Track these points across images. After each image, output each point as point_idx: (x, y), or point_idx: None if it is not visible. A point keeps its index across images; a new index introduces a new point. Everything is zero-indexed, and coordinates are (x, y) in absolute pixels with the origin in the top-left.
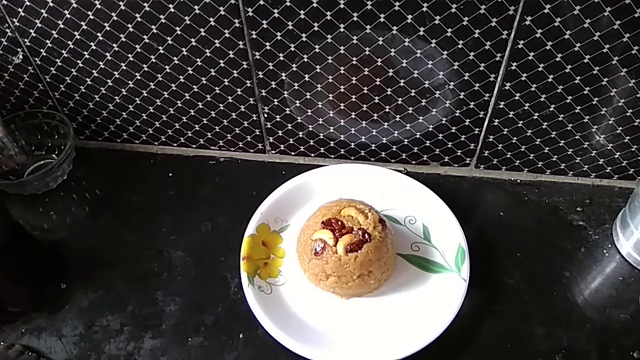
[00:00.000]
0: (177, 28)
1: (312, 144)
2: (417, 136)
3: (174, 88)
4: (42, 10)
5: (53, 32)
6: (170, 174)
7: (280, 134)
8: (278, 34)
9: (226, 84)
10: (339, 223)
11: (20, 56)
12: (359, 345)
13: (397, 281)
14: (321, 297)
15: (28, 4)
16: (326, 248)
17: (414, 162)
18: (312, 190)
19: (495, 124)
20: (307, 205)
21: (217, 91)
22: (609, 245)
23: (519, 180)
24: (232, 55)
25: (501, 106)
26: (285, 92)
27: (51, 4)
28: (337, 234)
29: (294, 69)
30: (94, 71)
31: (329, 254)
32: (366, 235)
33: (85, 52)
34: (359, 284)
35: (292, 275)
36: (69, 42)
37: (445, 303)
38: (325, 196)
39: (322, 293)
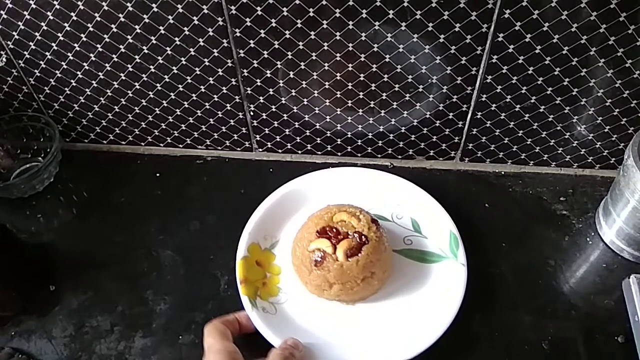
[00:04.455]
0: (161, 27)
1: (299, 141)
2: (402, 130)
3: (159, 88)
4: (25, 12)
5: (36, 34)
6: (158, 174)
7: (267, 132)
8: (262, 31)
9: (211, 82)
10: (334, 230)
11: (4, 59)
12: (375, 347)
13: (398, 278)
14: (327, 307)
15: (10, 6)
16: (326, 257)
17: (400, 156)
18: (296, 201)
19: (478, 116)
20: (294, 217)
21: (203, 90)
22: (592, 234)
23: (503, 172)
24: (216, 54)
25: (483, 99)
26: (271, 90)
27: (34, 6)
28: (334, 241)
29: (279, 66)
30: (78, 73)
31: (329, 262)
32: (363, 238)
33: (69, 54)
34: (363, 287)
35: (293, 291)
36: (53, 44)
37: (449, 290)
38: (310, 205)
39: (327, 303)
